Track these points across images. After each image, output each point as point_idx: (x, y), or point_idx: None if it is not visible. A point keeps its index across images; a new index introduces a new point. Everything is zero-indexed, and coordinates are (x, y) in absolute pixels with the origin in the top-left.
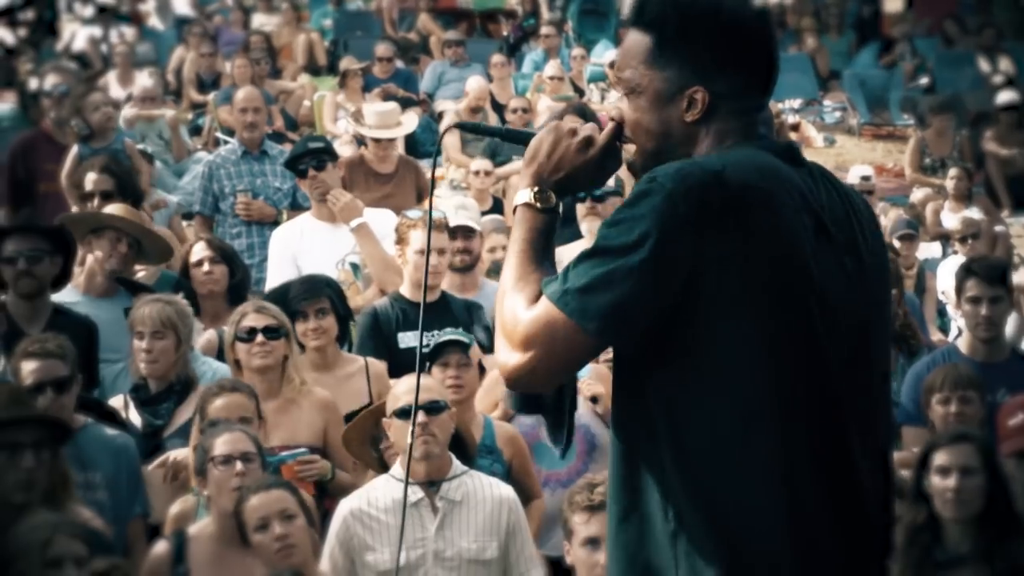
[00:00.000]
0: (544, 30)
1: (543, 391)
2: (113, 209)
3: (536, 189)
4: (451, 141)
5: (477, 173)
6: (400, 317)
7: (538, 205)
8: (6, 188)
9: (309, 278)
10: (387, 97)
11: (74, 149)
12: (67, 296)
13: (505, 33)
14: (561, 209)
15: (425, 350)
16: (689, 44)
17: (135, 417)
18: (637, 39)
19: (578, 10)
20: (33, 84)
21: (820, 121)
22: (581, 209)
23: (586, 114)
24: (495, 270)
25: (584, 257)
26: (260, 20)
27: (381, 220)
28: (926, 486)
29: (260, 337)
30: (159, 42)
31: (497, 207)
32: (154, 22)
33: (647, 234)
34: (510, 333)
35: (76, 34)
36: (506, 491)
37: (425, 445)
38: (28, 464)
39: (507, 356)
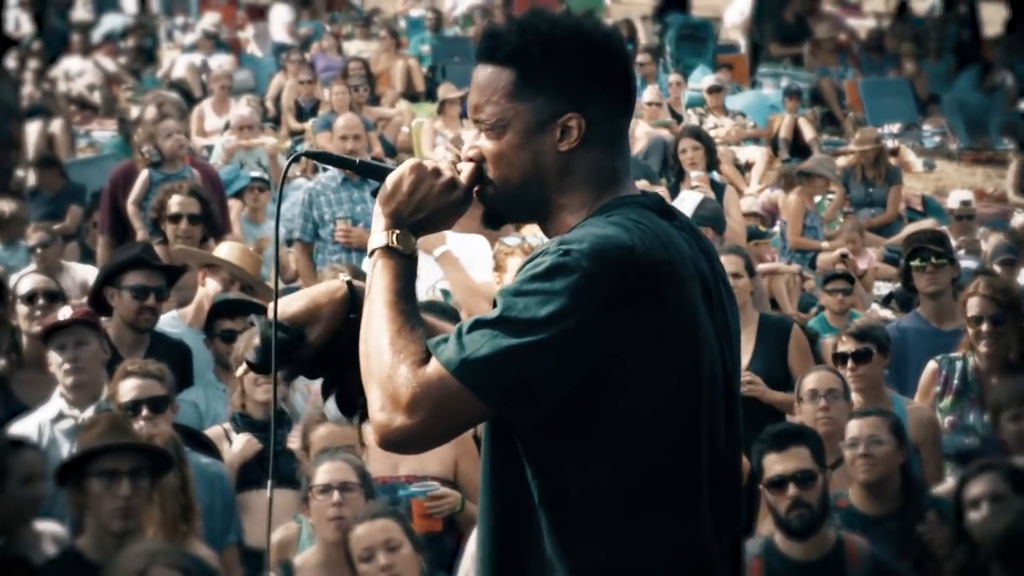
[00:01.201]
0: (641, 57)
1: (418, 452)
2: (230, 251)
3: (396, 232)
4: None
5: None
6: None
7: (400, 248)
8: (107, 216)
9: (428, 304)
10: None
11: (144, 174)
12: (170, 326)
13: None
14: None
15: None
16: (556, 71)
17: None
18: (495, 74)
19: (675, 36)
20: (134, 112)
21: (919, 146)
22: None
23: (701, 136)
24: None
25: (484, 324)
26: (358, 47)
27: (472, 246)
28: (966, 523)
29: None
30: (258, 69)
31: None
32: (252, 49)
33: (562, 313)
34: (393, 394)
35: (176, 62)
36: None
37: None
38: (125, 492)
39: (388, 416)
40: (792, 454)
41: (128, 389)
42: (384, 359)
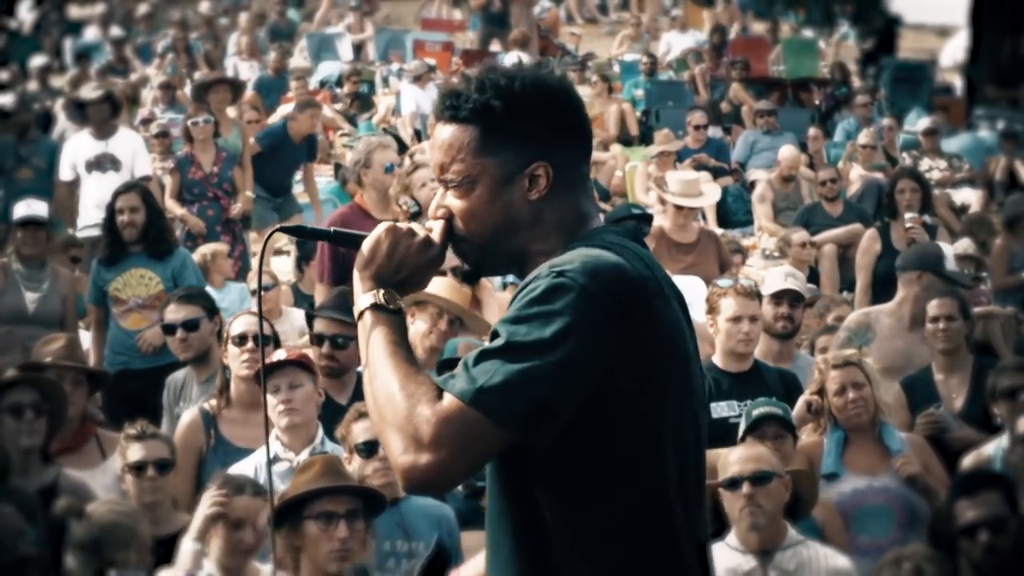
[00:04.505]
0: (858, 99)
1: (444, 491)
2: (439, 286)
3: (383, 292)
4: (763, 210)
5: (804, 245)
6: (712, 387)
7: (390, 307)
8: (328, 264)
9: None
10: (699, 167)
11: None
12: None
13: (817, 102)
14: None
15: (739, 420)
16: (520, 124)
17: None
18: (458, 132)
19: (891, 78)
20: (348, 158)
21: None
22: None
23: (920, 178)
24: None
25: (491, 354)
26: None
27: (688, 287)
28: None
29: None
30: None
31: (812, 276)
32: None
33: (566, 331)
34: (415, 434)
35: (391, 107)
36: (842, 563)
37: (751, 517)
38: (341, 534)
39: (413, 457)
40: (983, 500)
41: (363, 430)
42: (397, 403)
